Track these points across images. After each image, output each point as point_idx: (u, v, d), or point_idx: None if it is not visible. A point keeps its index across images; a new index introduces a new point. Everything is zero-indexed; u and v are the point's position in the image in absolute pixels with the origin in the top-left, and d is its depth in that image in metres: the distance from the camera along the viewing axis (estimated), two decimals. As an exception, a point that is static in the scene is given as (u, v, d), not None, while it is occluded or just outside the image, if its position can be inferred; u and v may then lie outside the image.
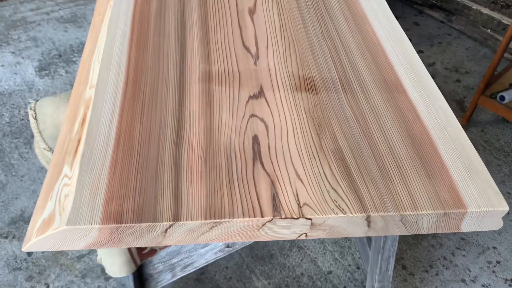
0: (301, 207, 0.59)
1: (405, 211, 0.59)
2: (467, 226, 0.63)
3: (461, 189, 0.62)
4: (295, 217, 0.58)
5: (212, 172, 0.62)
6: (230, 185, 0.61)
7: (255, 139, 0.67)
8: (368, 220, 0.60)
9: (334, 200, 0.60)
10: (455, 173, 0.64)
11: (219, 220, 0.57)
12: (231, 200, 0.59)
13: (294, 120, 0.70)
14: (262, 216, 0.58)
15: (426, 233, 0.63)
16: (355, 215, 0.58)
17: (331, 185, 0.61)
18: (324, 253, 1.38)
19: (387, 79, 0.79)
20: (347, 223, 0.60)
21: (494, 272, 1.35)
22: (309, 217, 0.58)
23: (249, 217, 0.57)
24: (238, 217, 0.57)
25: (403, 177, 0.63)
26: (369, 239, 1.16)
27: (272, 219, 0.58)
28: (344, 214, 0.58)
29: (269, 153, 0.65)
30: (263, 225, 0.59)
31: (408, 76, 0.79)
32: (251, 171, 0.63)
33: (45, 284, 1.28)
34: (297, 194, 0.60)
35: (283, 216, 0.58)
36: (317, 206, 0.59)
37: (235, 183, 0.61)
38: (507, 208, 0.61)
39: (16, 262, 1.33)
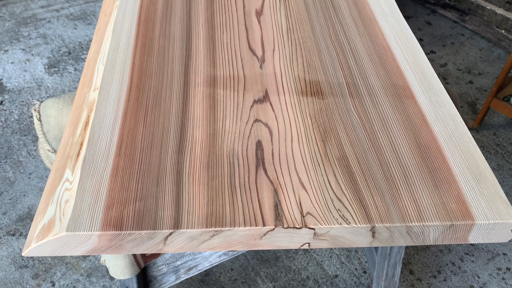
0: (304, 217, 0.57)
1: (411, 222, 0.58)
2: (474, 238, 0.61)
3: (469, 200, 0.61)
4: (297, 226, 0.57)
5: (214, 179, 0.61)
6: (232, 192, 0.60)
7: (259, 145, 0.66)
8: (373, 230, 0.58)
9: (338, 209, 0.58)
10: (463, 182, 0.62)
11: (220, 229, 0.56)
12: (233, 208, 0.58)
13: (299, 125, 0.69)
14: (264, 225, 0.57)
15: (432, 244, 0.62)
16: (359, 225, 0.57)
17: (335, 194, 0.60)
18: (331, 257, 1.37)
19: (395, 84, 0.77)
20: (351, 234, 0.59)
21: (503, 279, 1.33)
22: (312, 227, 0.57)
23: (251, 226, 0.56)
24: (239, 226, 0.56)
25: (409, 186, 0.62)
26: (375, 244, 1.15)
27: (274, 228, 0.57)
28: (348, 224, 0.57)
29: (273, 159, 0.64)
30: (264, 234, 0.57)
31: (417, 81, 0.77)
32: (254, 178, 0.61)
33: (51, 282, 1.29)
34: (300, 202, 0.59)
35: (285, 226, 0.57)
36: (320, 216, 0.58)
37: (237, 190, 0.60)
38: (516, 221, 0.59)
39: (22, 259, 1.34)
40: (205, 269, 1.03)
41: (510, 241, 1.42)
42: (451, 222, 0.58)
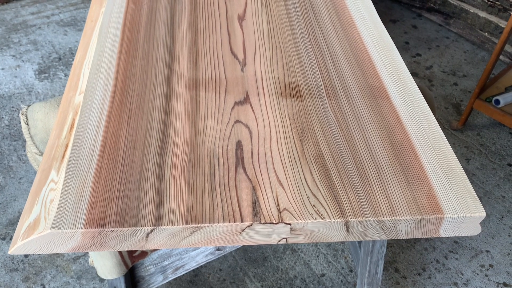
0: (280, 212, 0.60)
1: (383, 217, 0.60)
2: (445, 231, 0.64)
3: (439, 195, 0.63)
4: (274, 222, 0.59)
5: (195, 177, 0.63)
6: (212, 190, 0.62)
7: (239, 144, 0.69)
8: (347, 225, 0.61)
9: (314, 205, 0.61)
10: (434, 178, 0.65)
11: (199, 225, 0.58)
12: (212, 205, 0.60)
13: (277, 126, 0.72)
14: (242, 221, 0.59)
15: (405, 238, 0.64)
16: (333, 220, 0.60)
17: (311, 191, 0.63)
18: (318, 256, 1.39)
19: (371, 85, 0.80)
20: (326, 228, 0.61)
21: (486, 275, 1.36)
22: (288, 222, 0.59)
23: (229, 222, 0.59)
24: (218, 222, 0.59)
25: (382, 182, 0.64)
26: (360, 242, 1.17)
27: (252, 224, 0.59)
28: (322, 219, 0.59)
29: (252, 158, 0.67)
30: (243, 230, 0.60)
31: (393, 82, 0.80)
32: (233, 177, 0.64)
33: (41, 285, 1.30)
34: (277, 199, 0.61)
35: (262, 221, 0.59)
36: (296, 212, 0.60)
37: (217, 188, 0.62)
38: (484, 214, 0.62)
39: (13, 263, 1.35)
40: (192, 268, 1.05)
41: (493, 238, 1.45)
42: (422, 216, 0.61)
